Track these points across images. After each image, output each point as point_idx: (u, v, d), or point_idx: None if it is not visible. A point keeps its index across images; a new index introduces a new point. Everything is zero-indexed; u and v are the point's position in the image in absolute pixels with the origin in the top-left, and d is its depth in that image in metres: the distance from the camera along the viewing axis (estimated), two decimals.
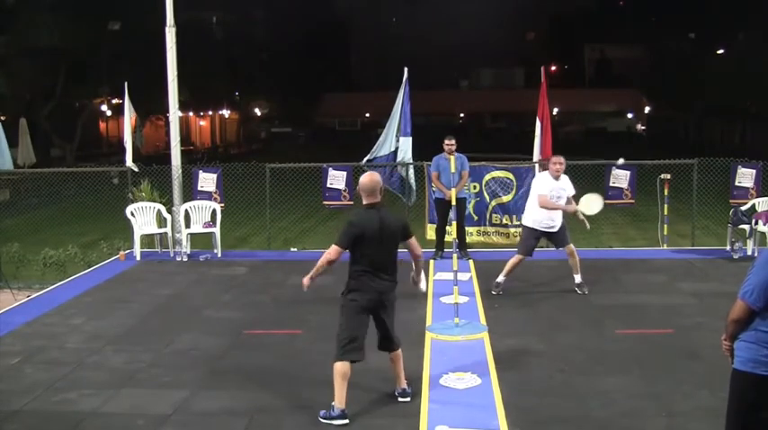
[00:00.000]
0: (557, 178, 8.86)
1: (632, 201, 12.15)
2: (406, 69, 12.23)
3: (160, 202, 12.09)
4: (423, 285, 6.05)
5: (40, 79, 29.62)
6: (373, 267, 5.65)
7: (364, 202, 5.75)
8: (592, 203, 9.08)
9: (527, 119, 28.45)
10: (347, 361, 5.61)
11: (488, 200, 12.01)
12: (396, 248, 5.74)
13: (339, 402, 5.58)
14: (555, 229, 8.94)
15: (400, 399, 5.94)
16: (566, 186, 8.94)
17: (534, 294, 9.17)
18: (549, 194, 8.81)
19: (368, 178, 5.77)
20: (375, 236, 5.59)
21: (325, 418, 5.60)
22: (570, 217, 9.13)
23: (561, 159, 8.93)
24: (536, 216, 8.95)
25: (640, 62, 60.44)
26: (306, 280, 5.79)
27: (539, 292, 9.27)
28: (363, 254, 5.61)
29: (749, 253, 10.87)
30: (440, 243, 11.27)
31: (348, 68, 76.65)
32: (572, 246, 9.08)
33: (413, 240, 5.87)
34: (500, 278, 9.12)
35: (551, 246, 9.55)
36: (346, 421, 5.56)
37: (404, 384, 5.98)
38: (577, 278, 9.13)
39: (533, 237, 9.07)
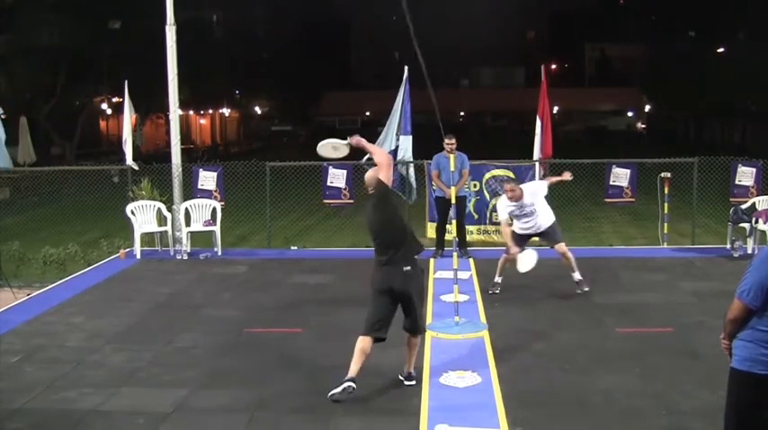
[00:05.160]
0: (516, 201, 8.77)
1: (632, 199, 12.15)
2: (406, 68, 12.22)
3: (160, 201, 12.10)
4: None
5: (40, 78, 29.64)
6: (377, 252, 6.01)
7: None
8: (525, 260, 8.70)
9: (527, 117, 28.45)
10: (368, 336, 5.90)
11: (488, 198, 12.01)
12: (391, 235, 5.93)
13: (351, 372, 5.79)
14: (534, 231, 8.95)
15: (406, 383, 6.14)
16: (531, 200, 8.78)
17: (534, 293, 9.16)
18: (509, 217, 8.88)
19: (369, 173, 6.19)
20: (368, 223, 6.05)
21: (335, 395, 5.73)
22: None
23: (511, 186, 8.80)
24: (518, 229, 9.05)
25: (641, 61, 60.46)
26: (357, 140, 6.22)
27: (539, 291, 9.26)
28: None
29: (749, 251, 10.87)
30: (440, 241, 11.27)
31: (348, 67, 76.63)
32: (563, 245, 8.98)
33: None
34: (497, 278, 9.14)
35: (544, 243, 9.52)
36: (351, 384, 5.73)
37: (411, 369, 6.19)
38: (576, 276, 9.01)
39: (518, 238, 9.02)
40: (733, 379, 4.09)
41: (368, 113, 62.30)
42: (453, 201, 9.29)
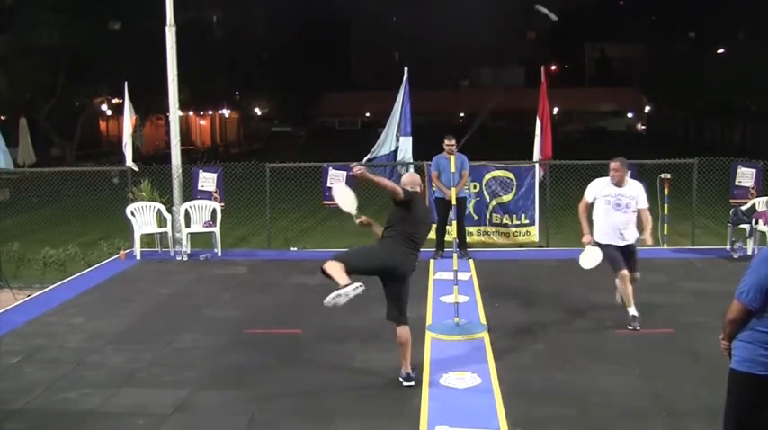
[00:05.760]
0: (617, 184, 7.68)
1: None
2: (406, 69, 12.24)
3: (160, 202, 12.10)
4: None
5: (40, 78, 29.63)
6: (407, 235, 6.09)
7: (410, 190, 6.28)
8: (590, 256, 7.77)
9: (527, 118, 28.51)
10: (341, 264, 5.86)
11: (488, 199, 12.01)
12: (425, 232, 6.27)
13: (344, 280, 5.72)
14: (621, 235, 7.67)
15: (404, 384, 6.11)
16: (631, 194, 7.68)
17: (534, 293, 9.17)
18: (593, 200, 7.70)
19: (409, 176, 6.59)
20: (420, 209, 6.22)
21: (335, 298, 5.67)
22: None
23: (616, 164, 7.69)
24: (601, 227, 7.73)
25: (640, 61, 60.47)
26: (363, 170, 5.98)
27: (539, 291, 9.27)
28: (405, 220, 6.10)
29: (749, 252, 10.87)
30: (440, 242, 11.27)
31: (348, 68, 76.67)
32: (638, 274, 7.87)
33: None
34: (631, 310, 7.68)
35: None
36: (358, 284, 5.69)
37: (408, 369, 6.16)
38: (631, 310, 7.68)
39: (616, 251, 7.70)
40: (732, 379, 4.09)
41: (368, 114, 62.36)
42: (453, 202, 9.30)
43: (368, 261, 6.11)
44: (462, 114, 67.30)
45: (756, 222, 10.99)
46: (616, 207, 7.62)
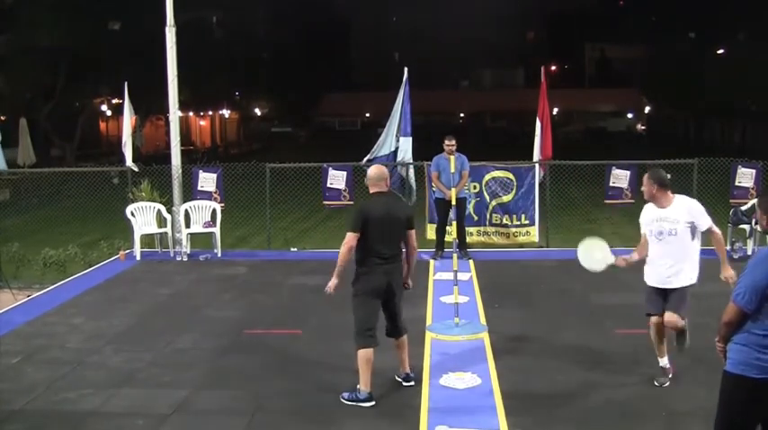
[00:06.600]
0: (659, 206, 6.32)
1: (632, 200, 12.14)
2: (406, 69, 12.24)
3: (160, 202, 12.11)
4: (410, 283, 6.23)
5: (40, 78, 29.62)
6: (379, 251, 5.85)
7: (371, 191, 6.03)
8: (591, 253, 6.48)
9: (527, 118, 28.56)
10: (369, 347, 5.84)
11: (488, 200, 12.02)
12: (400, 234, 6.00)
13: (365, 385, 5.80)
14: (673, 286, 6.41)
15: (404, 384, 6.16)
16: (675, 216, 6.31)
17: (534, 293, 9.18)
18: (646, 230, 6.35)
19: (375, 169, 6.12)
20: (381, 219, 5.82)
21: (349, 400, 5.80)
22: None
23: (644, 179, 6.37)
24: (647, 264, 6.42)
25: (640, 61, 60.50)
26: (332, 284, 5.91)
27: (539, 292, 9.27)
28: (370, 238, 5.80)
29: (749, 253, 10.87)
30: (440, 243, 11.28)
31: (348, 68, 76.66)
32: (681, 321, 6.35)
33: (412, 232, 6.11)
34: (663, 362, 6.39)
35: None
36: (373, 403, 5.77)
37: (408, 369, 6.21)
38: (662, 361, 6.38)
39: (654, 293, 6.48)
40: (726, 382, 4.08)
41: (368, 115, 62.33)
42: (453, 202, 9.30)
43: (366, 308, 5.92)
44: (462, 114, 67.33)
45: (756, 222, 10.98)
46: (658, 236, 6.25)
